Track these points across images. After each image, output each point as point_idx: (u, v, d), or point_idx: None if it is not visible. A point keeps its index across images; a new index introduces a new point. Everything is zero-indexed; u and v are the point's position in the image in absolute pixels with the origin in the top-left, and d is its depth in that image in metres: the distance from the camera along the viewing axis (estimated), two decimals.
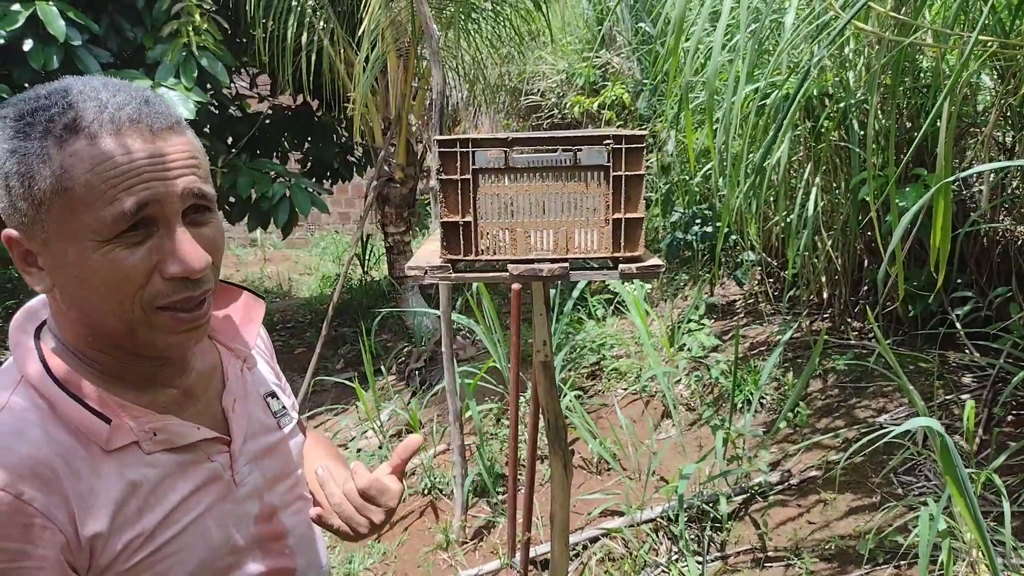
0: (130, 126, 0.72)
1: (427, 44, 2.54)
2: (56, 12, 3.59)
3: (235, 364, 0.93)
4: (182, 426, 0.82)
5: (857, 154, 2.70)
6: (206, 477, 0.83)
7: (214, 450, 0.85)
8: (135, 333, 0.76)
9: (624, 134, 1.36)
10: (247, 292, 0.98)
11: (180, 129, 0.77)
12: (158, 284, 0.74)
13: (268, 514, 0.90)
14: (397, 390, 4.36)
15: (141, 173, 0.72)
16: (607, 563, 2.45)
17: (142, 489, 0.77)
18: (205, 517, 0.82)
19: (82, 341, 0.79)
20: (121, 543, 0.75)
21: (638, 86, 5.63)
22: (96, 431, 0.76)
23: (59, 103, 0.72)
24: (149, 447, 0.79)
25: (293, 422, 0.99)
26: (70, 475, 0.73)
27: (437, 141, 1.39)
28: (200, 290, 0.77)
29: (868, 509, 2.25)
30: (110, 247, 0.72)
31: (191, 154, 0.76)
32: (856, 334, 3.08)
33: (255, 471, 0.89)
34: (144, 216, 0.72)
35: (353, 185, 8.04)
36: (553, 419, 1.73)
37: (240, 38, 5.02)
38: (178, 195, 0.74)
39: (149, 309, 0.75)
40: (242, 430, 0.89)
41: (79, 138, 0.71)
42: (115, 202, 0.71)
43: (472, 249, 1.42)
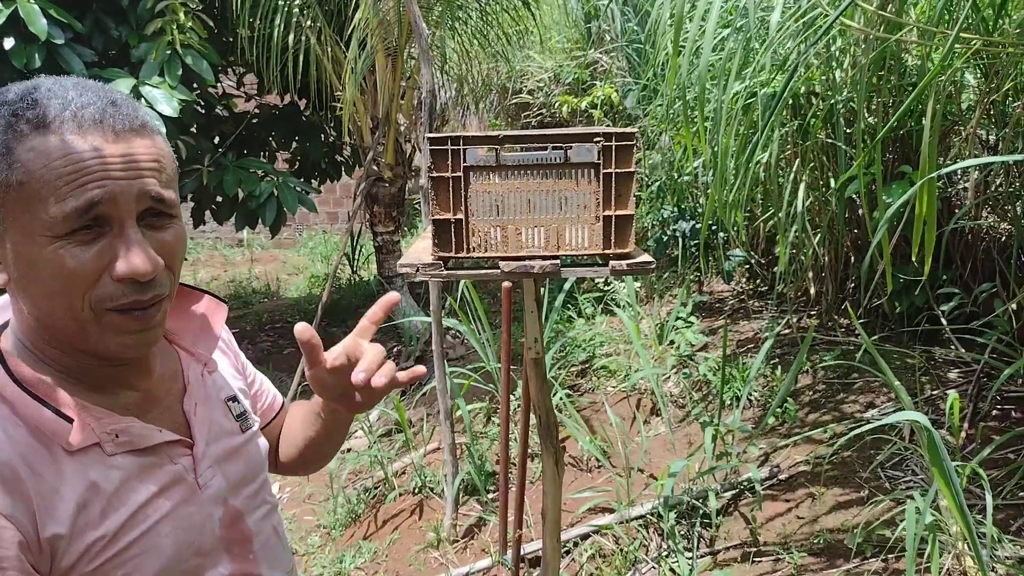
0: (92, 125, 0.72)
1: (416, 43, 2.53)
2: (38, 10, 3.56)
3: (196, 368, 0.93)
4: (144, 428, 0.81)
5: (843, 151, 2.72)
6: (169, 479, 0.82)
7: (176, 453, 0.84)
8: (86, 333, 0.76)
9: (614, 131, 1.37)
10: (208, 295, 0.98)
11: (145, 132, 0.76)
12: (107, 285, 0.74)
13: (233, 517, 0.89)
14: None
15: (96, 171, 0.72)
16: (598, 559, 2.45)
17: (104, 491, 0.77)
18: (169, 520, 0.81)
19: (40, 340, 0.79)
20: (83, 545, 0.74)
21: (626, 85, 5.65)
22: (58, 431, 0.75)
23: (26, 99, 0.72)
24: (111, 449, 0.78)
25: (256, 426, 0.99)
26: (31, 476, 0.73)
27: (428, 139, 1.39)
28: (150, 294, 0.76)
29: (856, 503, 2.27)
30: (61, 243, 0.72)
31: (153, 157, 0.76)
32: (843, 330, 3.10)
33: (218, 474, 0.88)
34: (98, 215, 0.72)
35: (341, 185, 8.02)
36: (544, 416, 1.73)
37: (226, 37, 4.99)
38: (133, 196, 0.74)
39: (99, 310, 0.75)
40: (204, 434, 0.88)
41: (39, 134, 0.71)
42: (68, 199, 0.71)
43: (463, 246, 1.43)
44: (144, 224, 0.76)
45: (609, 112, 5.91)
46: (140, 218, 0.75)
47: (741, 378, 2.92)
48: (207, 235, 9.36)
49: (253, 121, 5.56)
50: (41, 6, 3.57)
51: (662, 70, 3.81)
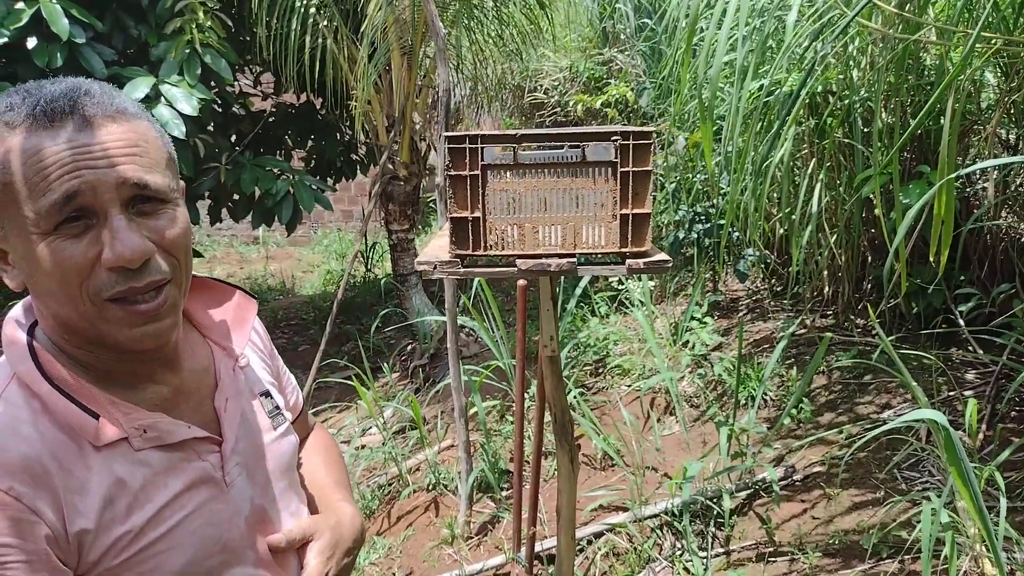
0: (62, 117, 0.73)
1: (433, 42, 2.55)
2: (60, 10, 3.60)
3: (228, 363, 0.93)
4: (172, 424, 0.82)
5: (860, 151, 2.71)
6: (196, 476, 0.83)
7: (205, 449, 0.85)
8: (95, 327, 0.77)
9: (632, 130, 1.37)
10: (240, 291, 0.98)
11: (122, 118, 0.76)
12: (101, 275, 0.74)
13: (259, 515, 0.89)
14: (400, 387, 4.37)
15: (69, 163, 0.72)
16: (611, 558, 2.46)
17: (131, 486, 0.77)
18: (195, 516, 0.81)
19: (61, 338, 0.80)
20: (109, 540, 0.75)
21: (641, 84, 5.64)
22: (86, 427, 0.76)
23: (4, 102, 0.74)
24: (139, 444, 0.79)
25: (287, 422, 0.99)
26: (60, 471, 0.74)
27: (446, 137, 1.40)
28: (145, 281, 0.76)
29: (872, 504, 2.26)
30: (52, 238, 0.73)
31: (131, 143, 0.75)
32: (859, 331, 3.09)
33: (246, 472, 0.88)
34: (79, 206, 0.73)
35: (356, 183, 8.05)
36: (559, 414, 1.74)
37: (244, 36, 5.03)
38: (112, 183, 0.73)
39: (98, 301, 0.75)
40: (234, 430, 0.88)
41: (15, 134, 0.72)
42: (47, 193, 0.71)
43: (480, 244, 1.43)
44: (135, 211, 0.76)
45: (624, 111, 5.90)
46: (130, 205, 0.75)
47: (756, 378, 2.91)
48: (223, 232, 9.43)
49: (270, 120, 5.60)
50: (63, 6, 3.61)
51: (676, 69, 3.81)
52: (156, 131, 0.79)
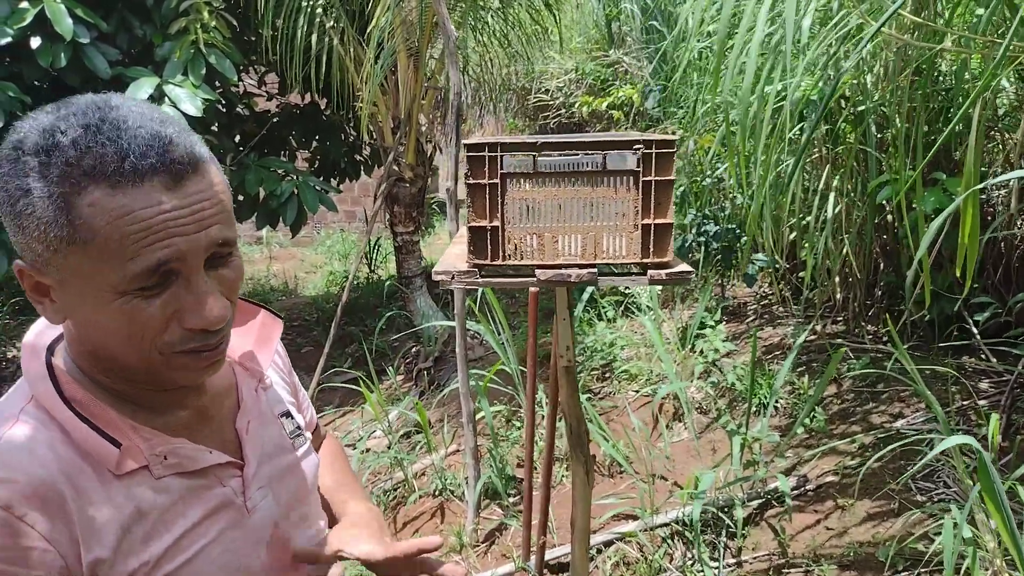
0: (152, 175, 0.68)
1: (444, 44, 2.52)
2: (64, 10, 3.57)
3: (250, 384, 0.90)
4: (194, 450, 0.79)
5: (874, 157, 2.69)
6: (217, 503, 0.80)
7: (226, 474, 0.82)
8: (154, 371, 0.75)
9: (655, 139, 1.35)
10: (264, 310, 0.96)
11: (203, 168, 0.72)
12: (176, 332, 0.72)
13: (282, 541, 0.87)
14: (405, 390, 4.35)
15: (163, 229, 0.68)
16: (622, 567, 2.43)
17: (149, 515, 0.75)
18: (215, 544, 0.79)
19: (94, 368, 0.77)
20: (125, 570, 0.72)
21: (648, 86, 5.61)
22: (105, 455, 0.74)
23: (79, 144, 0.67)
24: (159, 471, 0.76)
25: (307, 443, 0.96)
26: (76, 498, 0.71)
27: (466, 145, 1.37)
28: (218, 337, 0.75)
29: (887, 515, 2.23)
30: (127, 299, 0.69)
31: (215, 199, 0.72)
32: (870, 338, 3.06)
33: (268, 496, 0.86)
34: (165, 271, 0.70)
35: (359, 184, 8.02)
36: (575, 424, 1.71)
37: (249, 36, 5.00)
38: (201, 248, 0.71)
39: (166, 353, 0.73)
40: (256, 453, 0.86)
41: (99, 187, 0.66)
42: (136, 259, 0.67)
43: (499, 254, 1.41)
44: (208, 266, 0.73)
45: (629, 113, 5.88)
46: (206, 263, 0.73)
47: (767, 385, 2.89)
48: None
49: (274, 120, 5.57)
50: (67, 5, 3.58)
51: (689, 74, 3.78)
52: (218, 168, 0.75)
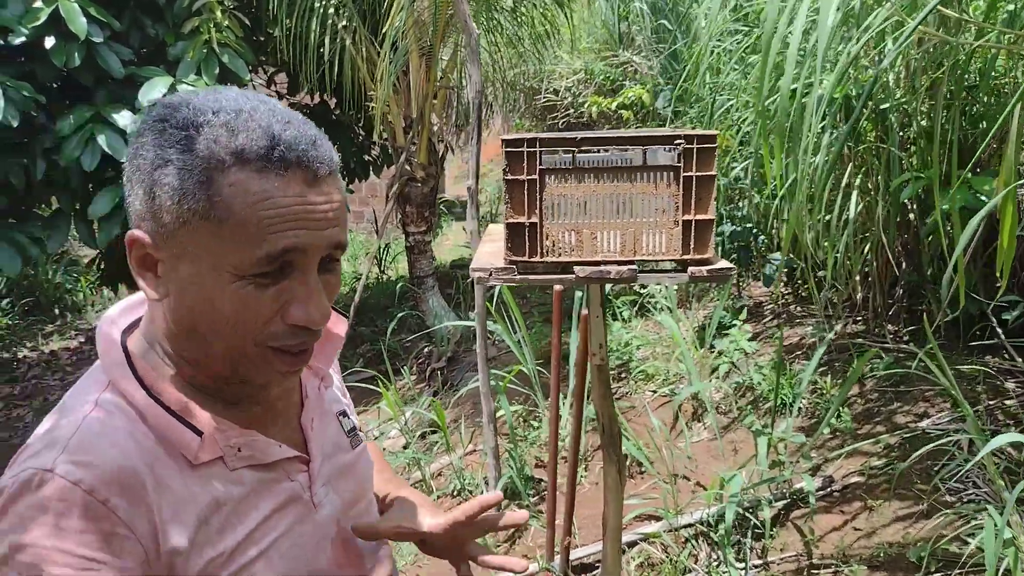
0: (296, 168, 0.69)
1: (465, 43, 2.50)
2: (78, 9, 3.56)
3: (314, 382, 0.90)
4: (265, 443, 0.79)
5: (896, 156, 2.67)
6: (286, 497, 0.80)
7: (294, 469, 0.82)
8: (236, 365, 0.74)
9: (696, 134, 1.33)
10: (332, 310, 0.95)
11: (335, 174, 0.74)
12: (278, 326, 0.72)
13: (345, 537, 0.87)
14: (418, 390, 4.33)
15: (296, 219, 0.69)
16: (647, 568, 2.41)
17: (225, 506, 0.74)
18: (285, 538, 0.78)
19: (177, 354, 0.76)
20: (202, 561, 0.72)
21: (658, 86, 5.59)
22: (185, 443, 0.73)
23: (228, 124, 0.68)
24: (233, 463, 0.76)
25: (363, 443, 0.96)
26: (156, 486, 0.70)
27: (504, 141, 1.36)
28: (317, 339, 0.76)
29: (916, 516, 2.21)
30: (244, 283, 0.69)
31: (340, 204, 0.74)
32: (891, 337, 3.04)
33: (331, 493, 0.86)
34: (285, 261, 0.70)
35: (367, 185, 8.01)
36: (608, 424, 1.70)
37: (259, 36, 5.00)
38: (324, 245, 0.72)
39: (261, 347, 0.73)
40: (320, 449, 0.86)
41: (243, 169, 0.68)
42: (264, 243, 0.68)
43: (537, 250, 1.39)
44: (320, 267, 0.74)
45: (639, 113, 5.86)
46: (320, 263, 0.73)
47: (790, 385, 2.87)
48: None
49: None
50: (81, 5, 3.57)
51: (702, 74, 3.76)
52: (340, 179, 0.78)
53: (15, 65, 3.69)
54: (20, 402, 5.42)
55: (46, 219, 4.05)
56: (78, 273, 7.77)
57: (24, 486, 0.66)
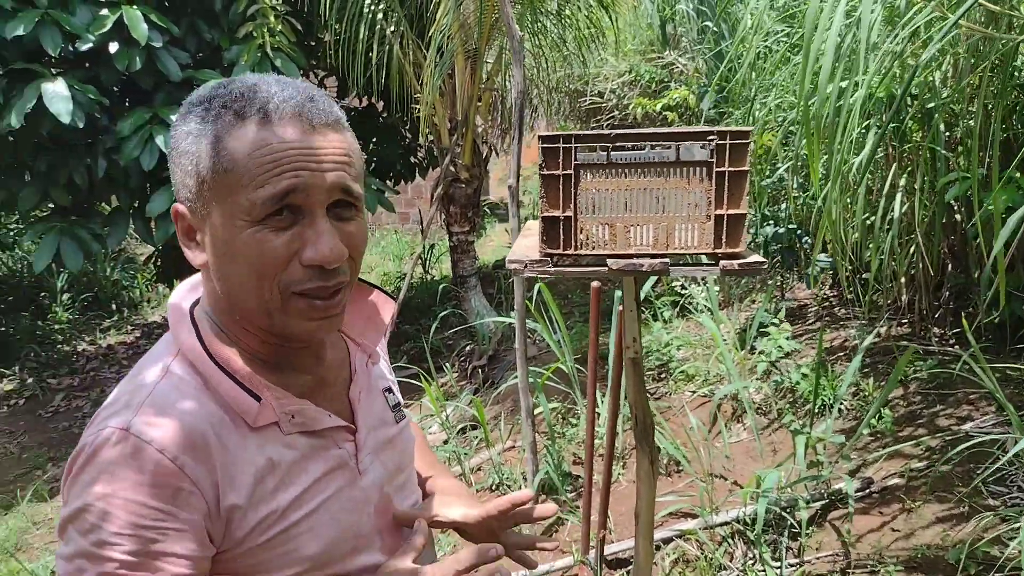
0: (291, 118, 0.76)
1: (508, 44, 2.56)
2: (140, 16, 3.72)
3: (362, 358, 0.96)
4: (317, 412, 0.85)
5: (943, 156, 2.64)
6: (334, 463, 0.86)
7: (341, 438, 0.87)
8: (271, 316, 0.79)
9: (729, 130, 1.36)
10: (378, 290, 1.01)
11: (339, 127, 0.80)
12: (296, 270, 0.77)
13: (387, 505, 0.92)
14: (460, 387, 4.40)
15: (293, 161, 0.75)
16: (681, 565, 2.43)
17: (279, 468, 0.80)
18: (332, 501, 0.84)
19: (230, 320, 0.83)
20: (257, 517, 0.78)
21: (703, 87, 5.58)
22: (246, 407, 0.79)
23: (234, 92, 0.77)
24: (287, 428, 0.82)
25: (406, 419, 1.02)
26: (219, 446, 0.77)
27: (540, 137, 1.40)
28: (333, 281, 0.79)
29: (956, 519, 2.19)
30: (258, 228, 0.75)
31: (344, 152, 0.79)
32: (937, 340, 3.00)
33: (376, 462, 0.91)
34: (291, 203, 0.76)
35: (413, 186, 8.14)
36: (641, 416, 1.72)
37: (311, 41, 5.13)
38: (325, 187, 0.77)
39: (286, 293, 0.78)
40: (366, 421, 0.91)
41: (244, 124, 0.76)
42: (266, 185, 0.74)
43: (571, 243, 1.43)
44: (332, 215, 0.79)
45: (684, 114, 5.84)
46: (329, 209, 0.78)
47: (831, 386, 2.85)
48: None
49: None
50: (143, 12, 3.73)
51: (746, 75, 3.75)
52: (357, 143, 0.83)
53: (82, 70, 3.87)
54: (79, 393, 5.66)
55: (106, 217, 4.24)
56: (135, 270, 8.06)
57: (103, 443, 0.74)
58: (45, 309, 7.18)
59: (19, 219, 6.33)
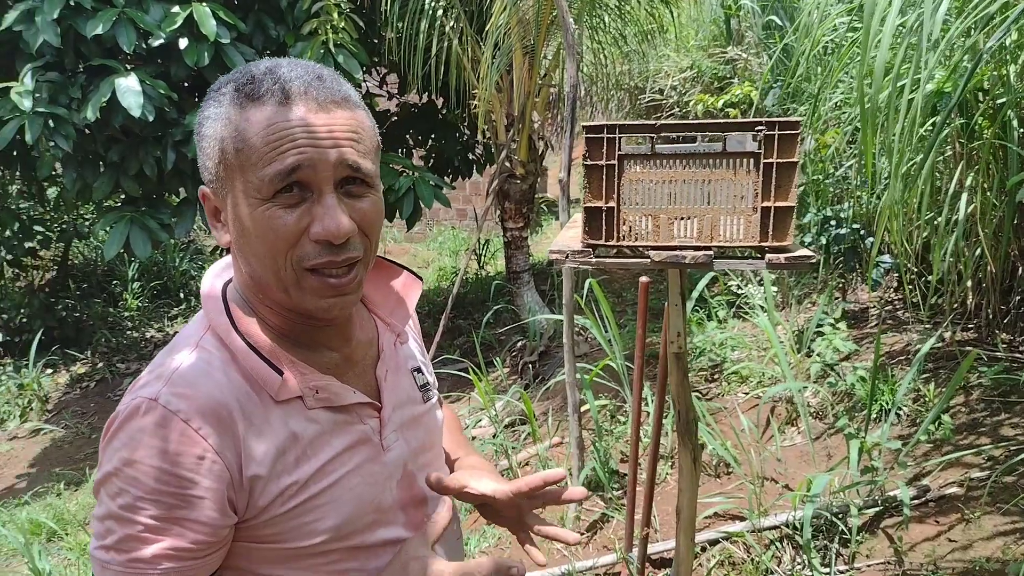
0: (298, 96, 0.78)
1: (563, 37, 2.55)
2: (209, 12, 3.84)
3: (390, 337, 0.98)
4: (340, 388, 0.87)
5: (1016, 153, 2.52)
6: (357, 438, 0.87)
7: (366, 414, 0.89)
8: (288, 293, 0.82)
9: (778, 120, 1.33)
10: (406, 271, 1.03)
11: (348, 105, 0.81)
12: (306, 246, 0.79)
13: (410, 481, 0.94)
14: (510, 382, 4.41)
15: (299, 138, 0.77)
16: (727, 567, 2.39)
17: (302, 441, 0.83)
18: (354, 474, 0.86)
19: (255, 297, 0.86)
20: (279, 488, 0.80)
21: (767, 83, 5.46)
22: (269, 381, 0.82)
23: (247, 75, 0.80)
24: (311, 403, 0.84)
25: (435, 397, 1.04)
26: (243, 418, 0.79)
27: (584, 127, 1.40)
28: (343, 256, 0.80)
29: (1019, 532, 2.09)
30: (268, 205, 0.78)
31: (352, 128, 0.80)
32: (1005, 347, 2.87)
33: (400, 439, 0.93)
34: (299, 179, 0.78)
35: (471, 183, 8.19)
36: (684, 411, 1.70)
37: (373, 38, 5.21)
38: (331, 163, 0.78)
39: (299, 269, 0.80)
40: (392, 399, 0.93)
41: (255, 105, 0.78)
42: (273, 163, 0.77)
43: (614, 234, 1.42)
44: (343, 191, 0.80)
45: (747, 112, 5.73)
46: (340, 186, 0.80)
47: (890, 391, 2.76)
48: None
49: (393, 119, 5.78)
50: (212, 8, 3.86)
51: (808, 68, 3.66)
52: (370, 121, 0.85)
53: (154, 65, 4.02)
54: None
55: (174, 207, 4.39)
56: (202, 260, 8.33)
57: (134, 411, 0.77)
58: (117, 297, 7.49)
59: (94, 209, 6.61)
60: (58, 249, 7.33)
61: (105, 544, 0.76)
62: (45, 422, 5.30)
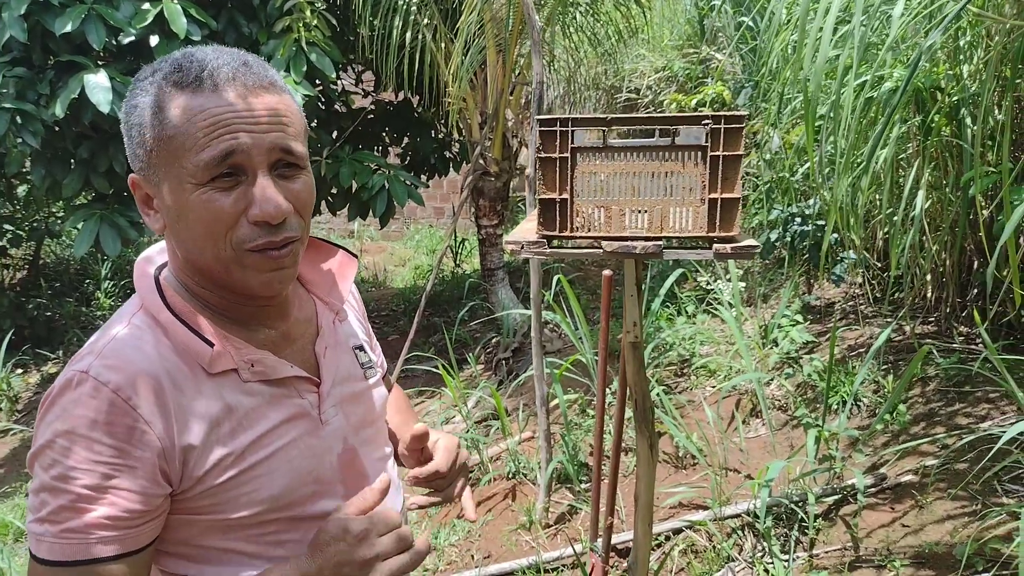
0: (227, 83, 0.81)
1: (528, 34, 2.59)
2: (180, 10, 3.84)
3: (328, 315, 1.01)
4: (277, 362, 0.89)
5: (968, 151, 2.59)
6: (295, 411, 0.90)
7: (304, 388, 0.92)
8: (230, 272, 0.84)
9: (723, 114, 1.37)
10: (342, 250, 1.06)
11: (275, 89, 0.84)
12: (244, 227, 0.82)
13: (350, 454, 0.96)
14: (485, 378, 4.44)
15: (230, 124, 0.80)
16: (690, 555, 2.44)
17: (237, 412, 0.85)
18: (291, 447, 0.89)
19: (191, 279, 0.88)
20: (213, 459, 0.83)
21: (739, 83, 5.53)
22: (201, 353, 0.84)
23: (173, 64, 0.82)
24: (247, 376, 0.87)
25: (378, 375, 1.07)
26: (174, 390, 0.82)
27: (538, 120, 1.43)
28: (281, 236, 0.83)
29: (968, 516, 2.16)
30: (205, 190, 0.80)
31: (282, 112, 0.83)
32: (962, 339, 2.94)
33: (340, 414, 0.96)
34: (233, 164, 0.80)
35: (448, 181, 8.21)
36: (640, 400, 1.74)
37: (348, 36, 5.22)
38: (265, 147, 0.81)
39: (239, 250, 0.82)
40: (331, 374, 0.96)
41: (183, 92, 0.80)
42: (207, 149, 0.79)
43: (567, 226, 1.46)
44: (276, 174, 0.83)
45: (720, 111, 5.80)
46: (273, 168, 0.83)
47: (849, 382, 2.82)
48: (321, 226, 9.78)
49: (369, 116, 5.78)
50: (182, 6, 3.85)
51: (776, 67, 3.72)
52: (297, 105, 0.88)
53: (124, 62, 4.01)
54: None
55: None
56: None
57: (66, 384, 0.80)
58: (89, 296, 7.43)
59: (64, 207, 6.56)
60: (29, 247, 7.25)
61: (40, 516, 0.78)
62: (15, 422, 5.25)
